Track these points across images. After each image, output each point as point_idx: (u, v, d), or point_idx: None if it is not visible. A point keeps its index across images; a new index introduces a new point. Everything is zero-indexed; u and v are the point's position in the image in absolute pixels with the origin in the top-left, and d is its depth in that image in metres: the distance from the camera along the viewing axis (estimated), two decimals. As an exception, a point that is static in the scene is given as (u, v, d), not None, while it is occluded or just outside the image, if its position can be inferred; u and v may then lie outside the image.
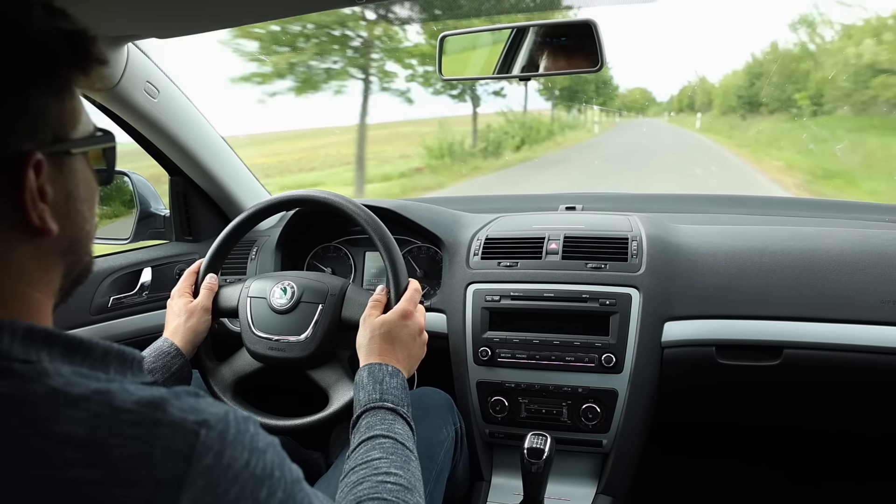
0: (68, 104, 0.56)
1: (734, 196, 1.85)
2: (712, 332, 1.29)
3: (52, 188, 0.54)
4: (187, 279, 1.24)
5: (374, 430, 0.88)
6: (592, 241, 1.39)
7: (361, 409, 0.92)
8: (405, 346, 1.05)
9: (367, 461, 0.83)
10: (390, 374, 0.97)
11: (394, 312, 1.06)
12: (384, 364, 0.99)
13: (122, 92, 1.34)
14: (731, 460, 1.86)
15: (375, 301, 1.09)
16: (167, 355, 1.11)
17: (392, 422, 0.90)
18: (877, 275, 1.25)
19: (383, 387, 0.95)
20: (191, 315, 1.17)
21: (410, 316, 1.07)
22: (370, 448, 0.85)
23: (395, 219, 1.47)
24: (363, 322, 1.07)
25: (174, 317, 1.18)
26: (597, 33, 1.17)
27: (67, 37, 0.54)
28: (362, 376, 0.98)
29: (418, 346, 1.08)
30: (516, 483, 1.20)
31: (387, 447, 0.85)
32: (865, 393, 1.36)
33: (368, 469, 0.81)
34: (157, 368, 1.09)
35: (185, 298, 1.20)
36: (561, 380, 1.31)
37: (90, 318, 1.48)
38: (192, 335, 1.16)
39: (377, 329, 1.04)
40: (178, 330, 1.15)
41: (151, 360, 1.09)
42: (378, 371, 0.98)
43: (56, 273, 0.58)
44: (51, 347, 0.51)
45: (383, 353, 1.02)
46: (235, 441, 0.50)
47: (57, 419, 0.47)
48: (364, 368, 0.99)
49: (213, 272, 1.25)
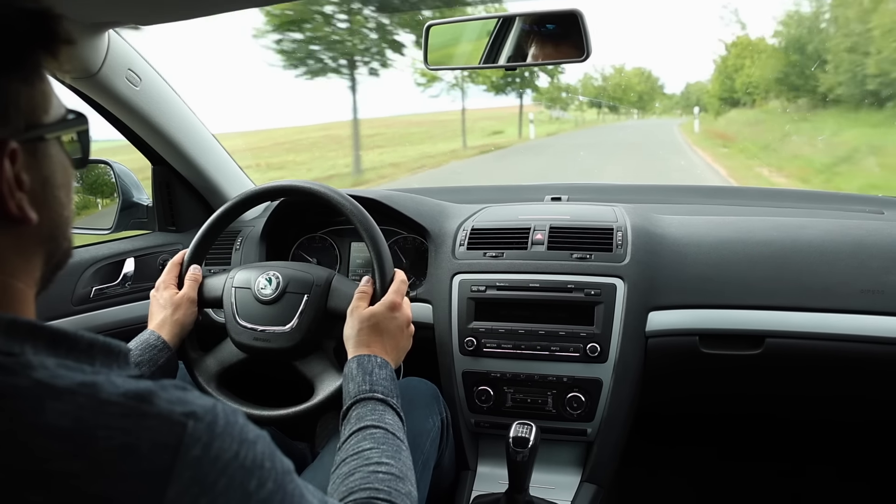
0: (38, 88, 0.54)
1: (718, 187, 1.87)
2: (696, 321, 1.30)
3: (28, 176, 0.52)
4: (171, 270, 1.22)
5: (364, 420, 0.88)
6: (578, 231, 1.39)
7: (351, 401, 0.92)
8: (393, 337, 1.05)
9: (359, 452, 0.83)
10: (379, 366, 0.98)
11: (382, 304, 1.06)
12: (373, 355, 0.99)
13: (103, 80, 1.32)
14: (716, 448, 1.88)
15: (362, 292, 1.09)
16: (154, 348, 1.10)
17: (382, 412, 0.90)
18: (856, 265, 1.27)
19: (373, 378, 0.95)
20: (177, 308, 1.16)
21: (398, 308, 1.07)
22: (361, 439, 0.85)
23: (380, 209, 1.46)
24: (350, 314, 1.06)
25: (160, 309, 1.17)
26: (582, 23, 1.17)
27: (31, 17, 0.52)
28: (351, 368, 0.98)
29: (406, 337, 1.08)
30: (502, 472, 1.21)
31: (378, 437, 0.85)
32: (846, 381, 1.38)
33: (360, 460, 0.82)
34: (144, 362, 1.08)
35: (170, 290, 1.19)
36: (546, 369, 1.32)
37: (72, 308, 1.46)
38: (178, 328, 1.15)
39: (365, 321, 1.04)
40: (164, 323, 1.14)
41: (138, 353, 1.08)
42: (367, 362, 0.98)
43: (37, 261, 0.57)
44: (35, 340, 0.50)
45: (371, 344, 1.02)
46: (224, 432, 0.50)
47: (42, 412, 0.46)
48: (353, 360, 0.99)
49: (197, 263, 1.24)
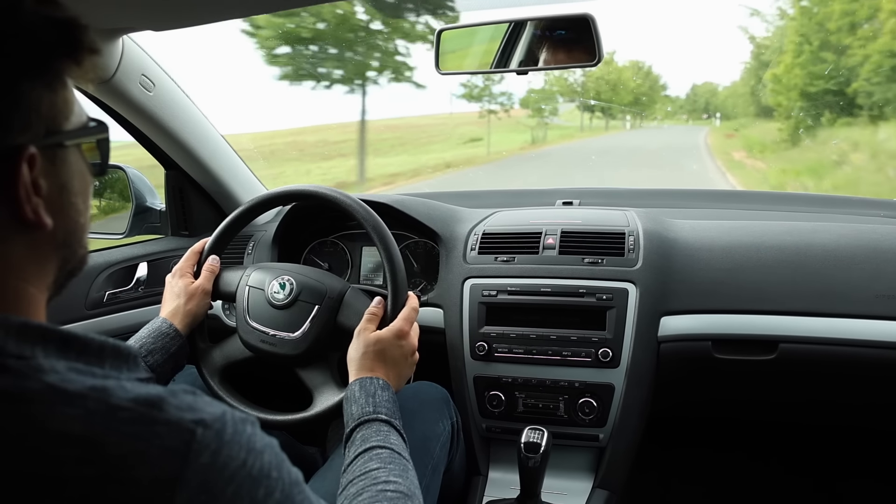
0: (61, 95, 0.55)
1: (730, 191, 1.86)
2: (709, 326, 1.29)
3: (45, 181, 0.53)
4: (189, 258, 1.23)
5: (369, 441, 0.88)
6: (589, 235, 1.39)
7: (355, 423, 0.93)
8: (396, 365, 1.05)
9: (366, 472, 0.83)
10: (381, 388, 0.98)
11: (389, 330, 1.06)
12: (375, 378, 1.00)
13: (118, 85, 1.33)
14: (728, 453, 1.86)
15: (372, 314, 1.09)
16: (166, 336, 1.10)
17: (387, 433, 0.90)
18: (872, 269, 1.25)
19: (376, 400, 0.95)
20: (191, 297, 1.17)
21: (405, 336, 1.07)
22: (368, 459, 0.85)
23: (391, 214, 1.47)
24: (357, 335, 1.06)
25: (174, 297, 1.17)
26: (594, 27, 1.16)
27: (58, 26, 0.53)
28: (354, 390, 0.98)
29: (409, 366, 1.08)
30: (513, 477, 1.21)
31: (384, 457, 0.86)
32: (861, 386, 1.36)
33: (367, 479, 0.82)
34: (157, 349, 1.08)
35: (186, 279, 1.19)
36: (558, 374, 1.31)
37: (85, 312, 1.47)
38: (191, 318, 1.16)
39: (371, 345, 1.04)
40: (177, 312, 1.15)
41: (150, 342, 1.09)
42: (370, 385, 0.98)
43: (50, 267, 0.57)
44: (46, 343, 0.50)
45: (375, 369, 1.02)
46: (232, 440, 0.50)
47: (53, 416, 0.46)
48: (355, 383, 0.99)
49: (217, 254, 1.25)
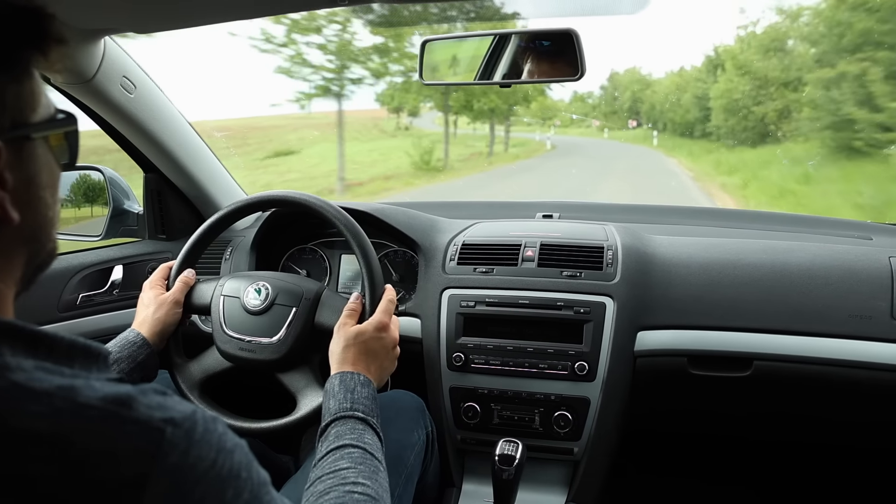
0: (27, 87, 0.53)
1: (709, 208, 1.88)
2: (685, 342, 1.30)
3: (11, 175, 0.52)
4: (161, 272, 1.23)
5: (343, 439, 0.87)
6: (568, 249, 1.39)
7: (331, 417, 0.92)
8: (378, 358, 1.04)
9: (335, 471, 0.82)
10: (361, 384, 0.97)
11: (370, 323, 1.06)
12: (356, 373, 0.99)
13: (98, 86, 1.32)
14: (701, 469, 1.87)
15: (351, 309, 1.09)
16: (133, 345, 1.10)
17: (362, 431, 0.89)
18: (845, 289, 1.27)
19: (354, 396, 0.94)
20: (160, 306, 1.16)
21: (386, 329, 1.07)
22: (339, 458, 0.84)
23: (371, 222, 1.46)
24: (338, 330, 1.06)
25: (143, 308, 1.18)
26: (577, 42, 1.18)
27: (23, 16, 0.52)
28: (333, 384, 0.97)
29: (391, 359, 1.08)
30: (487, 490, 1.20)
31: (356, 457, 0.85)
32: (834, 404, 1.38)
33: (336, 479, 0.81)
34: (123, 358, 1.08)
35: (155, 290, 1.19)
36: (534, 387, 1.31)
37: (58, 315, 1.45)
38: (160, 326, 1.15)
39: (352, 339, 1.03)
40: (145, 321, 1.15)
41: (117, 350, 1.08)
42: (350, 380, 0.97)
43: (18, 261, 0.56)
44: (13, 341, 0.49)
45: (356, 363, 1.01)
46: (202, 440, 0.49)
47: (18, 414, 0.45)
48: (335, 376, 0.98)
49: (192, 262, 1.25)
